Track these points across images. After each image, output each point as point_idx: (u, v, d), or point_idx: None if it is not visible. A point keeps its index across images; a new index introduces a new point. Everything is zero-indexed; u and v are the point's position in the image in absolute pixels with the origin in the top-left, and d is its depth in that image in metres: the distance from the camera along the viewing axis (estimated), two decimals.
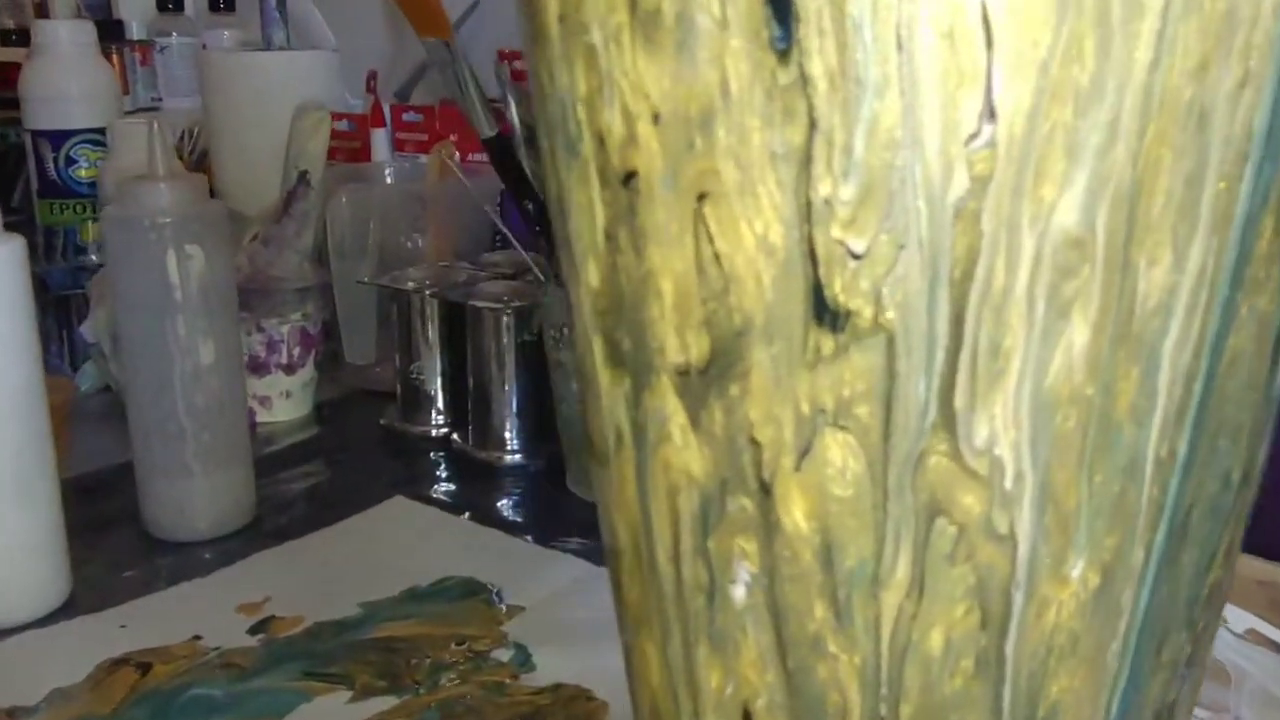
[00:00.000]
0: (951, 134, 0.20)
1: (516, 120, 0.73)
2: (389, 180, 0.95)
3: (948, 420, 0.22)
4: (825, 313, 0.22)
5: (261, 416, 0.86)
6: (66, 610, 0.65)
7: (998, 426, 0.22)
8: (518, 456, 0.81)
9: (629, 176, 0.23)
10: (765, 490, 0.24)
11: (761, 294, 0.22)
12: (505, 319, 0.79)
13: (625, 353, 0.25)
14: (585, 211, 0.25)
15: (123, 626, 0.64)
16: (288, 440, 0.86)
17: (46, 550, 0.64)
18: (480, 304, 0.79)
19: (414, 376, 0.84)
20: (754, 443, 0.24)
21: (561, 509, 0.77)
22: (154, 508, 0.72)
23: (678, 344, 0.24)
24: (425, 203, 0.90)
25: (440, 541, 0.74)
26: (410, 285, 0.83)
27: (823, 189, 0.21)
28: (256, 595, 0.67)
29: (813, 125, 0.21)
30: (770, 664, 0.25)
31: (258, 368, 0.85)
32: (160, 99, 1.30)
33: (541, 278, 0.75)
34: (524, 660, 0.62)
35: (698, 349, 0.24)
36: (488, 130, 0.70)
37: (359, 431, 0.87)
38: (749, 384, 0.23)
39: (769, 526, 0.24)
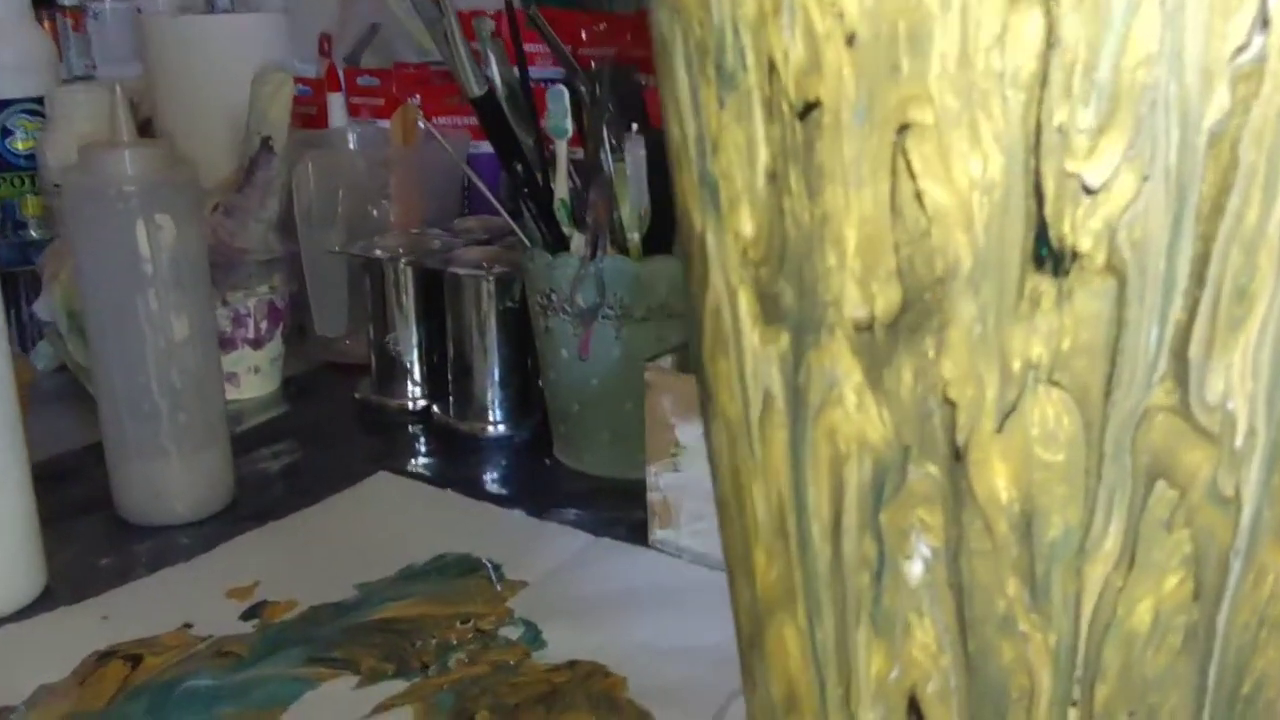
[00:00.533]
0: (1216, 47, 0.17)
1: (498, 78, 0.69)
2: (352, 146, 0.90)
3: (1179, 373, 0.20)
4: (1047, 255, 0.19)
5: (229, 394, 0.81)
6: (43, 602, 0.60)
7: (1234, 379, 0.20)
8: (502, 428, 0.78)
9: (808, 108, 0.20)
10: (957, 456, 0.21)
11: (972, 236, 0.19)
12: (486, 286, 0.75)
13: (785, 307, 0.22)
14: (740, 150, 0.22)
15: (105, 617, 0.59)
16: (258, 418, 0.81)
17: (20, 540, 0.59)
18: (460, 271, 0.75)
19: (389, 348, 0.80)
20: (948, 403, 0.21)
21: (551, 480, 0.74)
22: (128, 492, 0.67)
23: (859, 295, 0.21)
24: (391, 168, 0.86)
25: (431, 517, 0.70)
26: (384, 253, 0.79)
27: (1058, 115, 0.18)
28: (245, 579, 0.63)
29: (1052, 42, 0.18)
30: (947, 646, 0.23)
31: (224, 343, 0.80)
32: (95, 66, 1.22)
33: (526, 242, 0.71)
34: (534, 638, 0.59)
35: (885, 300, 0.21)
36: (476, 89, 0.66)
37: (332, 407, 0.83)
38: (946, 338, 0.20)
39: (958, 496, 0.21)
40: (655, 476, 0.64)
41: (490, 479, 0.75)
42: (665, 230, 0.69)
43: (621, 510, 0.69)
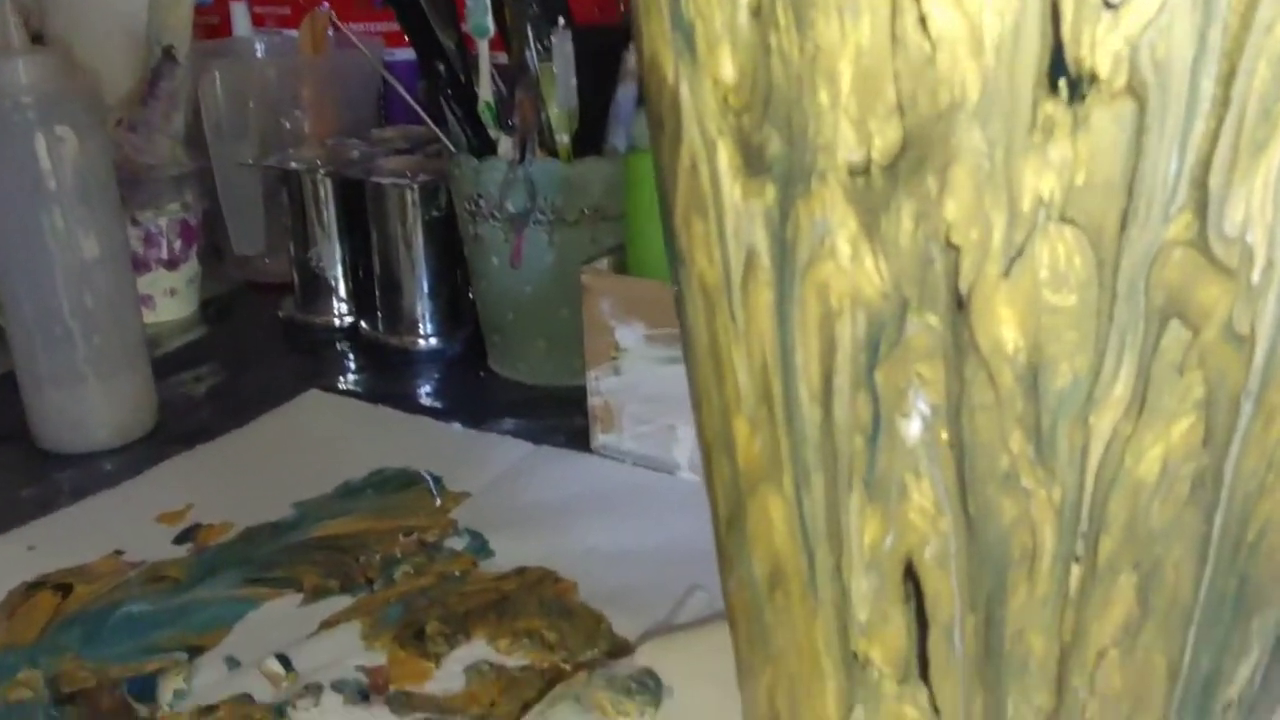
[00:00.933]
0: None
1: None
2: (259, 55, 0.85)
3: (1198, 203, 0.18)
4: (1062, 78, 0.18)
5: (145, 318, 0.77)
6: None
7: (1254, 207, 0.18)
8: (433, 340, 0.75)
9: None
10: (959, 305, 0.20)
11: (980, 63, 0.18)
12: (410, 195, 0.72)
13: (771, 157, 0.20)
14: None
15: (31, 548, 0.56)
16: (177, 341, 0.78)
17: None
18: (382, 180, 0.72)
19: (312, 264, 0.77)
20: (950, 248, 0.19)
21: (487, 391, 0.72)
22: (45, 419, 0.64)
23: (854, 137, 0.19)
24: (302, 78, 0.81)
25: (365, 433, 0.68)
26: (300, 166, 0.75)
27: None
28: (176, 503, 0.60)
29: None
30: (946, 507, 0.22)
31: (137, 265, 0.75)
32: None
33: (450, 147, 0.68)
34: (480, 547, 0.57)
35: (883, 140, 0.19)
36: None
37: (255, 327, 0.80)
38: (950, 177, 0.19)
39: (960, 348, 0.20)
40: (596, 381, 0.63)
41: (424, 393, 0.72)
42: (595, 130, 0.66)
43: (561, 418, 0.67)
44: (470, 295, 0.74)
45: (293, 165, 0.75)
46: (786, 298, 0.22)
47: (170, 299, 0.79)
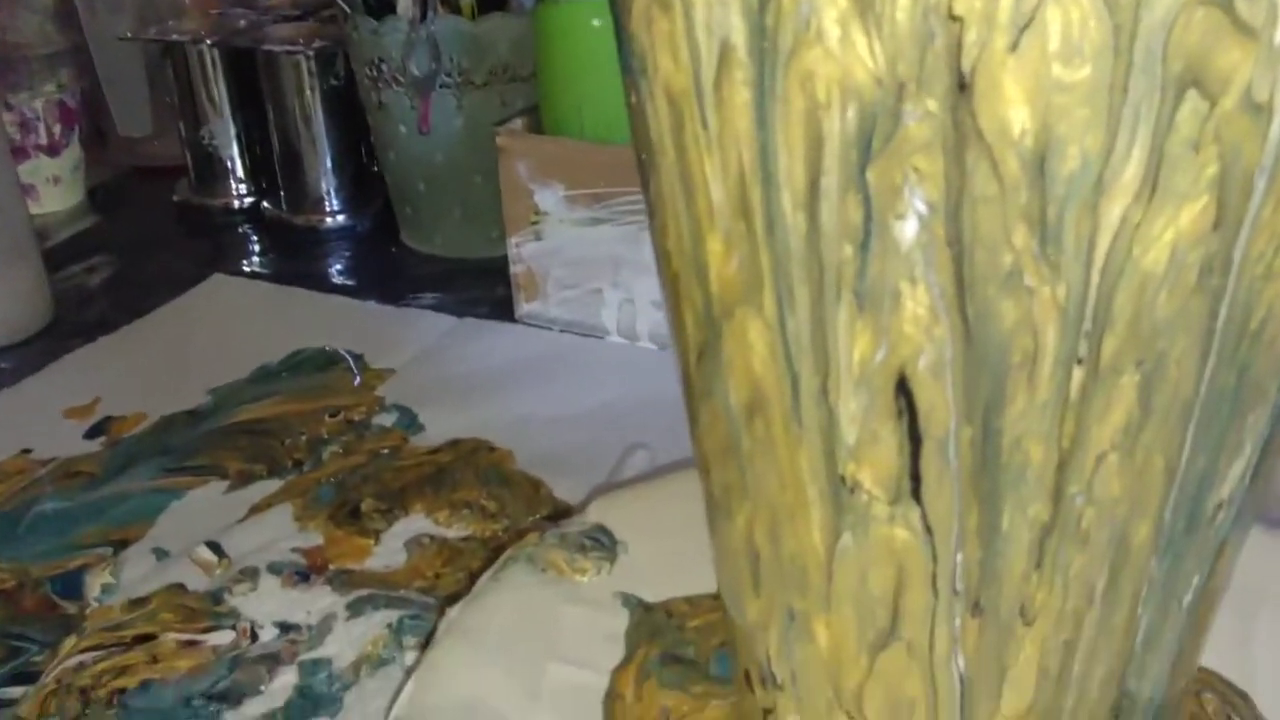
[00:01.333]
0: None
1: None
2: None
3: None
4: None
5: (29, 208, 0.72)
6: None
7: None
8: (341, 218, 0.72)
9: None
10: (962, 86, 0.18)
11: None
12: (306, 63, 0.67)
13: None
14: None
15: None
16: (66, 232, 0.73)
17: None
18: (274, 49, 0.67)
19: (204, 143, 0.72)
20: (953, 20, 0.17)
21: (402, 266, 0.68)
22: None
23: None
24: None
25: (278, 316, 0.64)
26: (183, 37, 0.70)
27: None
28: (83, 398, 0.56)
29: None
30: (942, 313, 0.20)
31: (14, 152, 0.70)
32: None
33: (345, 9, 0.63)
34: (410, 422, 0.55)
35: None
36: None
37: (148, 213, 0.75)
38: None
39: (961, 135, 0.18)
40: (517, 248, 0.60)
41: (336, 272, 0.69)
42: None
43: (482, 289, 0.65)
44: (377, 168, 0.70)
45: (175, 37, 0.69)
46: (767, 95, 0.19)
47: (54, 188, 0.73)
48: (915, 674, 0.25)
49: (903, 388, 0.21)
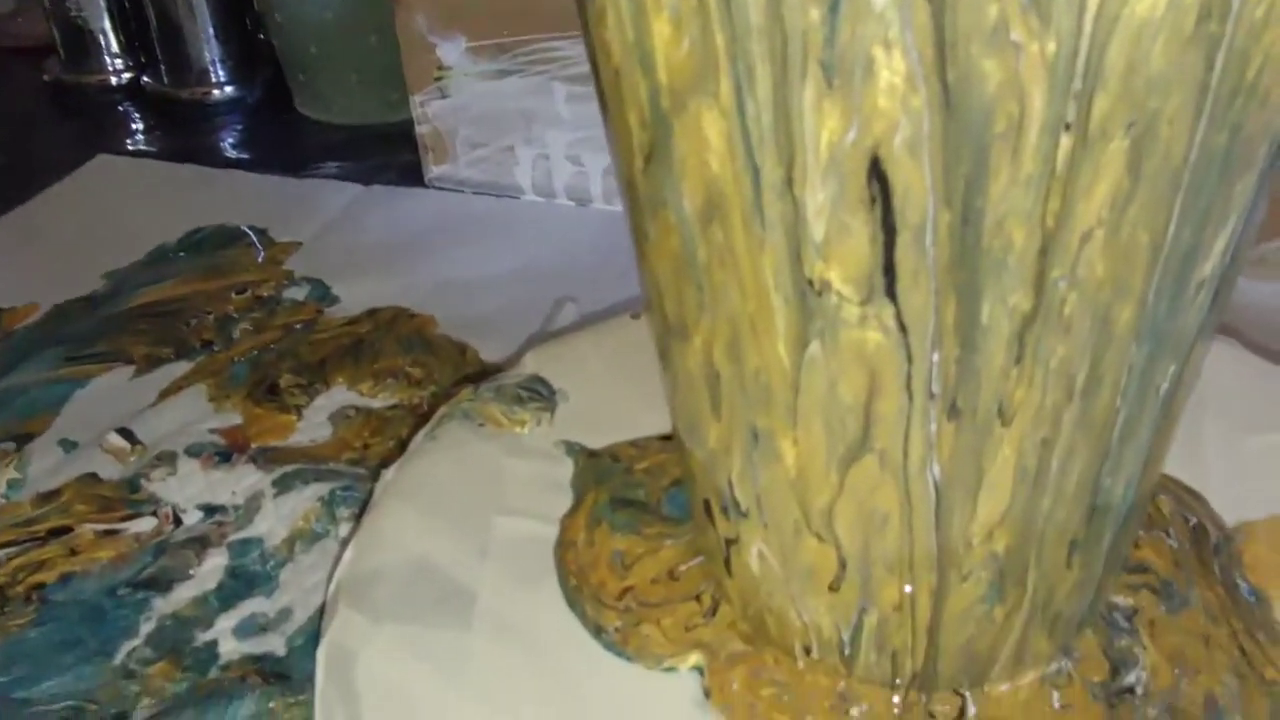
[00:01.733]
0: None
1: None
2: None
3: None
4: None
5: None
6: None
7: None
8: (229, 89, 0.67)
9: None
10: None
11: None
12: None
13: None
14: None
15: None
16: None
17: None
18: None
19: (72, 16, 0.66)
20: None
21: (299, 136, 0.64)
22: None
23: None
24: None
25: (171, 194, 0.60)
26: None
27: None
28: None
29: None
30: (920, 81, 0.18)
31: None
32: None
33: None
34: (323, 294, 0.52)
35: None
36: None
37: (17, 95, 0.69)
38: None
39: None
40: (421, 108, 0.56)
41: (228, 146, 0.65)
42: None
43: (387, 155, 0.61)
44: (264, 34, 0.65)
45: None
46: None
47: None
48: (888, 486, 0.24)
49: (876, 171, 0.19)
